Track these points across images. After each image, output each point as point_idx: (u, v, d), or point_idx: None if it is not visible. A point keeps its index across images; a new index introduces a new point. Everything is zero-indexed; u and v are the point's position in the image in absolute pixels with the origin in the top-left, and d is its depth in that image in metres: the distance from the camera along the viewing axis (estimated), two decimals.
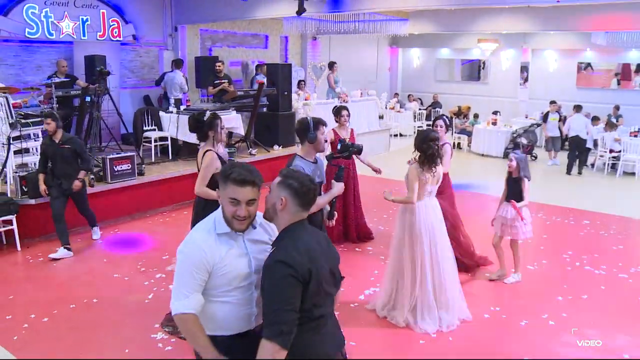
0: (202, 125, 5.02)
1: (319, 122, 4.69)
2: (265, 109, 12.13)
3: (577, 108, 14.27)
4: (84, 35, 11.80)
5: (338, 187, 4.39)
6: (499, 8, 13.50)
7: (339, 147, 4.93)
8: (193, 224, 4.98)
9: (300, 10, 10.21)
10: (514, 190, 6.24)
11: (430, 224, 5.24)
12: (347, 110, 7.70)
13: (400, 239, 5.35)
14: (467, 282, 6.33)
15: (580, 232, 8.70)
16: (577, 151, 13.44)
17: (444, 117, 6.71)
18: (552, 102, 14.92)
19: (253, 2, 10.72)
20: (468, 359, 4.53)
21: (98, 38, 12.03)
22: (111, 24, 12.26)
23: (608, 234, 8.58)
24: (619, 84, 17.88)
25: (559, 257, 7.46)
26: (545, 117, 14.87)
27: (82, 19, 11.76)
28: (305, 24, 14.01)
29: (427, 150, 5.12)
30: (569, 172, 13.27)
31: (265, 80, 12.40)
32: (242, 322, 2.71)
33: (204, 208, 4.77)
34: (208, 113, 5.12)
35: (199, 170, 5.04)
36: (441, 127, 6.44)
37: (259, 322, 2.71)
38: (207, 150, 5.00)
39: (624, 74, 17.97)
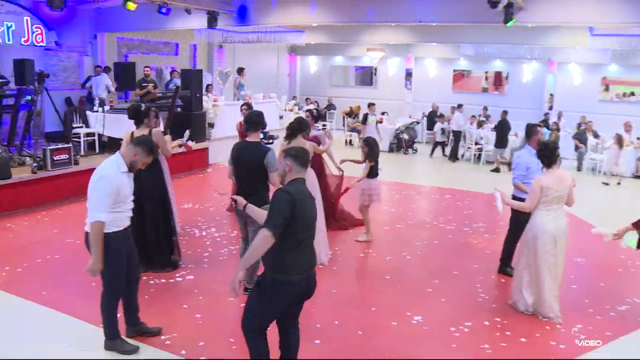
0: (140, 114, 6.63)
1: None
2: (179, 109, 13.65)
3: (459, 107, 16.94)
4: (9, 40, 12.90)
5: None
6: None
7: (262, 136, 6.53)
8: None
9: (214, 24, 11.95)
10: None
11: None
12: (251, 108, 9.45)
13: None
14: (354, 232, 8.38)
15: (442, 203, 11.02)
16: (455, 142, 16.12)
17: (311, 110, 8.79)
18: (371, 105, 15.46)
19: (168, 15, 12.24)
20: (467, 359, 5.41)
21: (22, 43, 13.15)
22: (34, 30, 13.42)
23: (462, 204, 10.95)
24: (486, 79, 20.86)
25: (422, 219, 9.72)
26: (364, 119, 15.39)
27: (7, 24, 12.87)
28: (213, 34, 15.66)
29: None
30: (454, 159, 16.13)
31: (179, 83, 13.94)
32: (128, 220, 4.74)
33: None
34: (143, 105, 6.73)
35: None
36: (307, 117, 8.30)
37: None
38: (151, 130, 6.62)
39: (496, 80, 20.92)
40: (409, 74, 21.90)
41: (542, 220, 5.63)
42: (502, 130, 15.10)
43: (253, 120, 6.07)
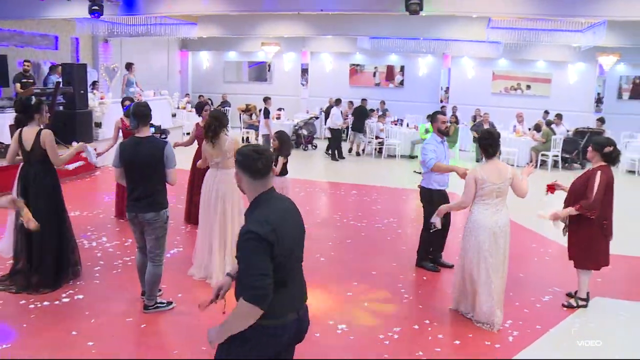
0: (30, 109, 5.66)
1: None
2: (62, 108, 12.44)
3: (336, 102, 16.52)
4: None
5: None
6: (279, 14, 15.09)
7: (152, 130, 5.83)
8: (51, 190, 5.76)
9: (98, 11, 10.86)
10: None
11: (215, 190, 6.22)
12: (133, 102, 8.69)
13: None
14: None
15: (349, 199, 10.65)
16: (335, 139, 15.61)
17: (205, 105, 8.36)
18: (267, 99, 14.87)
19: (44, 2, 11.02)
20: (455, 359, 5.05)
21: None
22: None
23: (370, 199, 10.64)
24: (374, 75, 21.02)
25: (331, 217, 9.29)
26: (267, 113, 14.67)
27: None
28: (97, 25, 14.42)
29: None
30: (338, 158, 15.42)
31: (60, 79, 12.69)
32: None
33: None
34: (34, 98, 5.77)
35: (28, 148, 5.67)
36: (205, 110, 7.87)
37: None
38: (40, 130, 5.66)
39: (388, 74, 20.99)
40: (304, 71, 21.47)
41: (479, 215, 5.21)
42: (359, 116, 16.34)
43: (143, 113, 5.22)
